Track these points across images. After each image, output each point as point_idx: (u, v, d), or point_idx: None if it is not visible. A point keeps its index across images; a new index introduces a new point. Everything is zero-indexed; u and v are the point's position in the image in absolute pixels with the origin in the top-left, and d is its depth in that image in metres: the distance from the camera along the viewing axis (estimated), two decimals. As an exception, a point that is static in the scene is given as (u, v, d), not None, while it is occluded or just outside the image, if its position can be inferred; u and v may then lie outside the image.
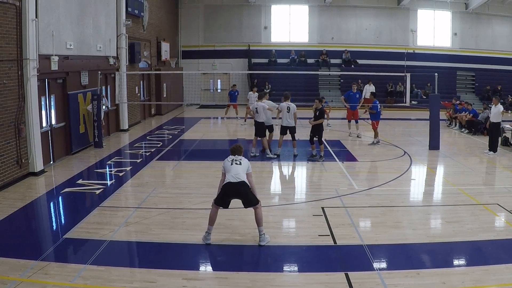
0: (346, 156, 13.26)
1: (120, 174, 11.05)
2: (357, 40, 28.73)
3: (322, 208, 8.31)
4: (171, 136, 16.65)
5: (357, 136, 16.20)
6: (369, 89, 22.89)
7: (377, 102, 14.95)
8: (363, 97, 18.31)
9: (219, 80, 28.81)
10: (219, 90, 28.81)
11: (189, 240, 6.81)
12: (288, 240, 7.00)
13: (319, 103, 12.42)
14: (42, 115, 11.48)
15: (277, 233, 7.11)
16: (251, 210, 6.73)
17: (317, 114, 12.34)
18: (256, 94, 18.95)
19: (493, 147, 13.38)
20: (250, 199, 6.64)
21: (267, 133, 12.96)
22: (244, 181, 6.59)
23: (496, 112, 13.33)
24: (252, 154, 12.55)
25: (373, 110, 14.62)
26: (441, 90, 18.33)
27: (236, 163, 6.68)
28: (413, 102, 24.44)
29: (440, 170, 11.81)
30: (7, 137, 9.68)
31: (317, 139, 12.33)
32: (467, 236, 7.01)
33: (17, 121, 9.98)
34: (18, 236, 7.13)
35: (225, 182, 6.60)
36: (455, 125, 18.69)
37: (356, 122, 16.48)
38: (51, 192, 9.50)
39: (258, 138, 12.78)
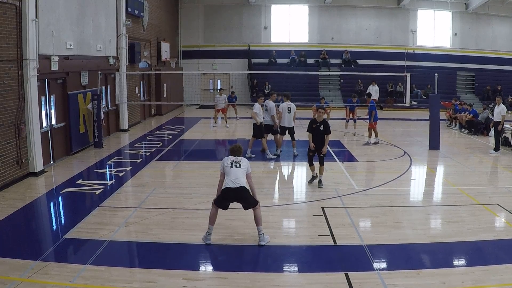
0: (346, 156, 13.27)
1: (120, 174, 11.05)
2: (357, 40, 28.72)
3: (322, 208, 8.31)
4: (171, 136, 16.65)
5: (354, 135, 16.36)
6: (372, 89, 22.97)
7: (374, 103, 15.03)
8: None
9: (219, 80, 28.78)
10: (218, 90, 28.82)
11: (189, 240, 6.81)
12: (288, 240, 7.00)
13: (323, 113, 9.86)
14: (42, 115, 11.47)
15: (277, 233, 7.11)
16: (250, 210, 6.73)
17: (322, 128, 9.61)
18: (224, 96, 19.06)
19: (495, 146, 13.50)
20: (249, 202, 6.66)
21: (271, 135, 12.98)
22: (243, 186, 6.59)
23: (498, 112, 13.36)
24: (247, 155, 12.35)
25: (372, 111, 14.62)
26: (441, 90, 18.34)
27: (236, 166, 6.66)
28: (413, 102, 24.44)
29: (440, 170, 11.80)
30: (7, 137, 9.68)
31: (322, 156, 9.80)
32: (467, 236, 7.00)
33: (17, 121, 9.98)
34: (18, 236, 7.13)
35: (224, 187, 6.60)
36: (455, 125, 18.69)
37: (354, 121, 16.69)
38: (51, 192, 9.49)
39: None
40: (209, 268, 6.24)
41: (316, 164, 9.82)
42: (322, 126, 9.60)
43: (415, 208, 8.69)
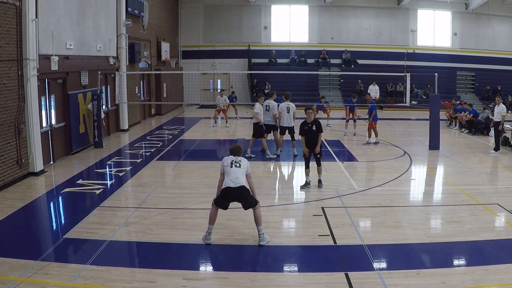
0: (346, 156, 13.27)
1: (120, 174, 11.05)
2: (357, 40, 28.72)
3: (322, 208, 8.31)
4: (171, 136, 16.64)
5: (354, 135, 16.40)
6: (373, 89, 22.97)
7: (374, 103, 15.04)
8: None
9: (219, 80, 28.80)
10: (219, 90, 28.86)
11: (189, 240, 6.81)
12: (288, 240, 7.00)
13: (313, 113, 9.68)
14: (42, 115, 11.47)
15: (277, 233, 7.11)
16: (250, 210, 6.73)
17: (314, 128, 9.48)
18: (225, 97, 19.08)
19: (495, 146, 13.50)
20: (249, 202, 6.66)
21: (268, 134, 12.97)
22: (243, 186, 6.59)
23: (498, 111, 13.36)
24: (247, 155, 12.29)
25: (372, 110, 14.62)
26: (441, 90, 18.36)
27: (236, 166, 6.66)
28: (413, 102, 24.44)
29: (440, 170, 11.80)
30: (7, 137, 9.68)
31: (319, 157, 9.69)
32: (467, 236, 7.00)
33: (17, 121, 9.98)
34: (18, 236, 7.12)
35: (224, 187, 6.61)
36: (455, 125, 18.70)
37: (354, 121, 16.73)
38: (51, 192, 9.49)
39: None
40: (209, 268, 6.24)
41: (313, 164, 9.78)
42: (314, 126, 9.50)
43: (415, 208, 8.69)
